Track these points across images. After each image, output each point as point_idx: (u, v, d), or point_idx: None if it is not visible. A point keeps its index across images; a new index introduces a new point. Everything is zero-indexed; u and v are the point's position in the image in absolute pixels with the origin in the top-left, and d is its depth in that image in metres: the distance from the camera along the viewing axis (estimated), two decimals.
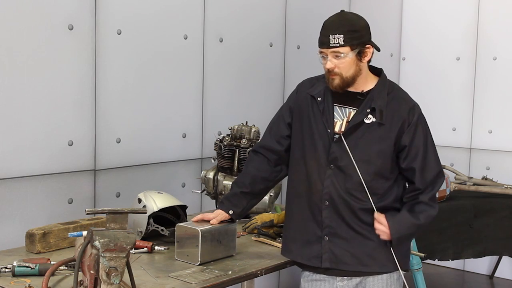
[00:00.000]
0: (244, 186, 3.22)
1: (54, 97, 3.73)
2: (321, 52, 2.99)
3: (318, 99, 3.08)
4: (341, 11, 3.07)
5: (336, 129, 3.02)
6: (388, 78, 3.14)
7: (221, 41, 4.76)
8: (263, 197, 3.41)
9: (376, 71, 3.13)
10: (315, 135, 3.05)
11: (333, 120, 3.04)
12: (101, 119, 3.99)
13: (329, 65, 2.95)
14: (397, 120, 3.00)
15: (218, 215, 3.22)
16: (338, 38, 2.91)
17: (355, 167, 2.97)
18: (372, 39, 3.02)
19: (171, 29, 4.41)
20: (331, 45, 2.93)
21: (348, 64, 2.95)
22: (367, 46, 2.98)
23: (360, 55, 2.96)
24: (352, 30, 2.93)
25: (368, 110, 3.00)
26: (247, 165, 3.31)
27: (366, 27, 3.00)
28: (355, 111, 3.03)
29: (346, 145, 2.97)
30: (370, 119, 2.99)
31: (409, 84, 6.48)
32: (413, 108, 3.05)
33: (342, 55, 2.93)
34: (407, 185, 3.13)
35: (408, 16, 6.63)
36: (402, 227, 2.98)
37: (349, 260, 3.03)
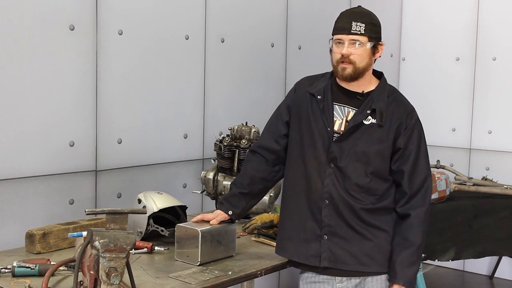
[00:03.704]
0: (242, 187, 3.23)
1: (55, 98, 3.73)
2: (337, 40, 3.01)
3: (318, 97, 3.08)
4: (358, 6, 3.14)
5: (336, 128, 3.04)
6: (388, 78, 3.17)
7: (222, 42, 4.77)
8: (263, 197, 3.42)
9: (377, 74, 3.16)
10: (315, 133, 3.06)
11: (333, 119, 3.05)
12: (102, 120, 4.00)
13: (346, 50, 2.98)
14: (394, 122, 3.02)
15: (218, 216, 3.22)
16: (360, 27, 2.97)
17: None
18: None
19: (173, 30, 4.41)
20: (352, 31, 2.97)
21: (363, 54, 2.99)
22: (380, 43, 3.05)
23: (373, 50, 3.02)
24: (372, 23, 3.01)
25: (368, 111, 3.01)
26: (245, 166, 3.31)
27: (380, 26, 3.08)
28: (354, 111, 3.04)
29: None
30: (369, 121, 3.01)
31: (409, 85, 6.49)
32: (411, 112, 3.08)
33: (358, 44, 2.97)
34: None
35: (408, 17, 6.63)
36: (414, 279, 3.02)
37: (348, 259, 3.03)
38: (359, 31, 2.96)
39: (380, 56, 3.09)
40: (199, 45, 4.61)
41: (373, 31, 3.00)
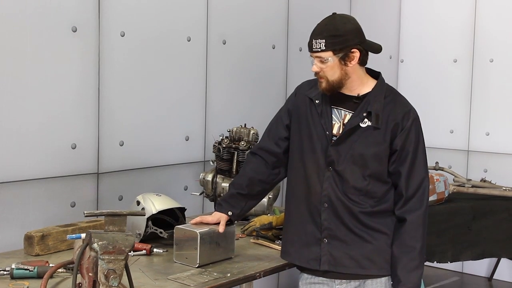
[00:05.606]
0: (241, 188, 3.23)
1: (57, 100, 3.74)
2: (310, 56, 3.03)
3: (316, 101, 3.08)
4: (332, 13, 3.08)
5: (334, 131, 3.04)
6: (387, 80, 3.14)
7: (224, 43, 4.78)
8: (262, 198, 3.39)
9: (375, 74, 3.12)
10: (314, 137, 3.06)
11: (332, 122, 3.05)
12: (105, 122, 4.01)
13: (314, 68, 3.00)
14: (390, 123, 2.99)
15: (219, 219, 3.21)
16: (320, 43, 2.95)
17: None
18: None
19: (175, 31, 4.42)
20: (313, 49, 2.97)
21: (332, 68, 2.96)
22: (352, 50, 2.95)
23: (344, 60, 2.96)
24: (334, 35, 2.93)
25: (364, 114, 3.00)
26: (245, 167, 3.31)
27: (353, 30, 2.97)
28: (351, 114, 3.03)
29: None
30: (365, 123, 2.99)
31: (407, 86, 6.48)
32: (408, 113, 3.03)
33: (324, 59, 2.95)
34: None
35: (406, 19, 6.63)
36: (419, 282, 3.03)
37: (348, 262, 3.03)
38: (320, 48, 2.95)
39: (366, 61, 3.03)
40: (201, 47, 4.62)
41: (337, 43, 2.93)
